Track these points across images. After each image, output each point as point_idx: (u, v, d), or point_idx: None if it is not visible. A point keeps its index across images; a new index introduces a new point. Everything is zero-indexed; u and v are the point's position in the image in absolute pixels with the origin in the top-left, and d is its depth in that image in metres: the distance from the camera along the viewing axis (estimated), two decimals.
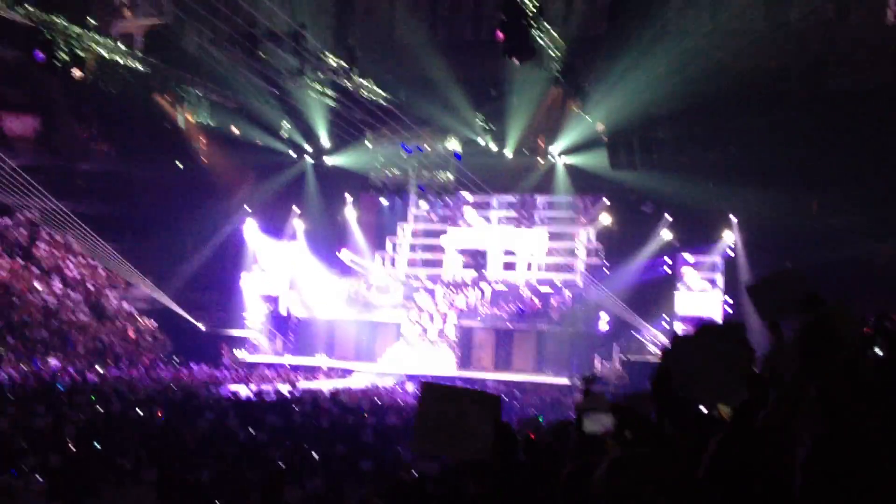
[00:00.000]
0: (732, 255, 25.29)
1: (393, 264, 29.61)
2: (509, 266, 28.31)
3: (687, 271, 25.65)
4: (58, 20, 19.80)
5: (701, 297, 25.43)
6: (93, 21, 21.24)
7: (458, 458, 3.73)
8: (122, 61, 21.96)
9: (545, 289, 27.08)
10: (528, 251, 28.29)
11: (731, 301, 24.74)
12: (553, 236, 28.35)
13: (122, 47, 21.94)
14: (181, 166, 27.49)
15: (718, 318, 24.08)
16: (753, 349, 3.23)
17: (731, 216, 24.97)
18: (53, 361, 21.67)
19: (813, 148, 20.86)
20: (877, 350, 4.01)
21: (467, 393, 3.36)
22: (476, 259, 28.39)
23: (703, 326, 3.47)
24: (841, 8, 21.10)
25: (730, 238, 25.25)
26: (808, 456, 2.57)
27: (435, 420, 2.98)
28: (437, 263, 29.04)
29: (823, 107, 20.46)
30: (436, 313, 27.14)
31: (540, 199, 28.49)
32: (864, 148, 20.30)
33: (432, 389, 3.08)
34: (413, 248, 29.94)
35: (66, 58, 20.01)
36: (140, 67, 22.56)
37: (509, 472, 5.10)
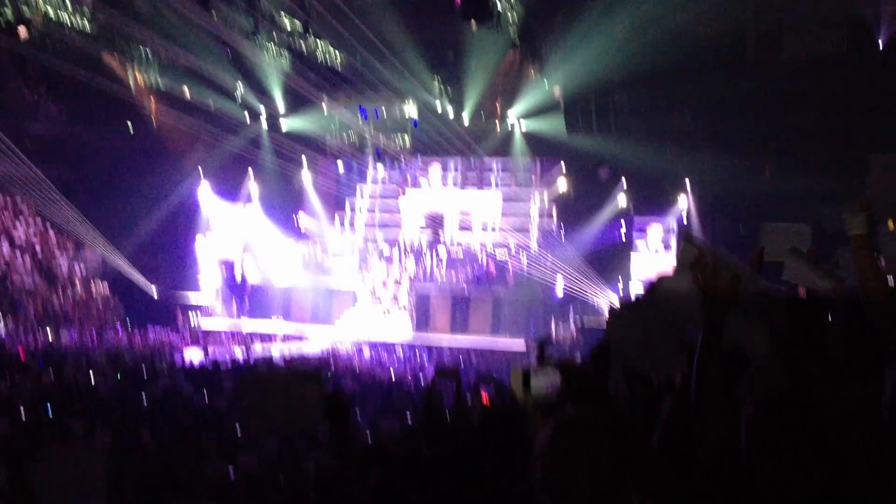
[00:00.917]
0: (686, 221, 25.58)
1: (350, 228, 29.47)
2: (465, 227, 28.39)
3: (649, 232, 25.96)
4: None
5: (656, 258, 25.74)
6: None
7: (290, 431, 3.78)
8: (69, 20, 21.39)
9: (501, 253, 27.17)
10: (484, 212, 28.38)
11: None
12: (508, 198, 28.43)
13: (69, 4, 21.35)
14: (132, 128, 26.98)
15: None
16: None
17: (685, 181, 25.21)
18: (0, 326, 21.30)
19: (766, 114, 21.08)
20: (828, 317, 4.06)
21: (285, 373, 3.47)
22: (433, 221, 28.40)
23: (639, 298, 3.45)
24: None
25: (684, 203, 25.53)
26: (754, 416, 2.59)
27: (260, 404, 3.06)
28: (395, 226, 28.99)
29: (778, 73, 20.66)
30: (391, 279, 27.11)
31: (495, 163, 28.51)
32: (816, 114, 20.55)
33: (251, 380, 3.18)
34: (370, 210, 29.80)
35: (11, 17, 19.44)
36: (88, 26, 21.99)
37: (466, 435, 5.12)
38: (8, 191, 25.29)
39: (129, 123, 26.78)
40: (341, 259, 28.33)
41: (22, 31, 20.34)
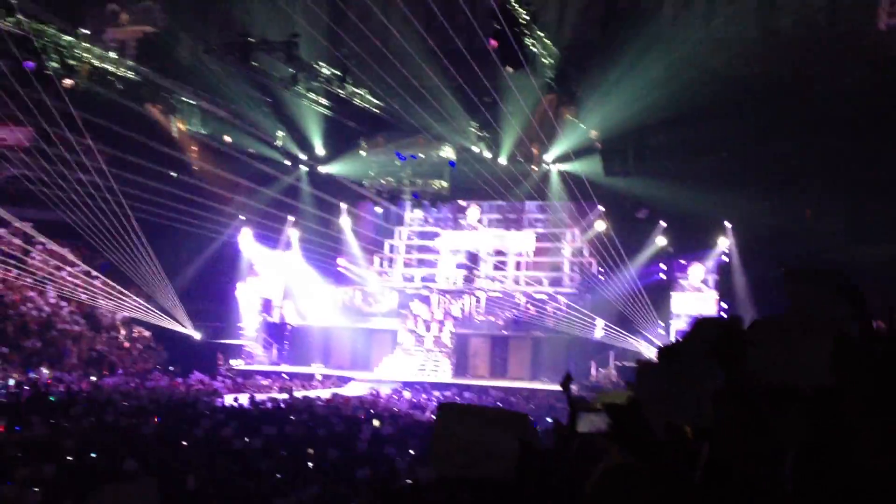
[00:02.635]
0: (727, 260, 25.38)
1: (388, 272, 29.62)
2: (500, 266, 28.49)
3: (689, 272, 25.84)
4: (48, 28, 19.79)
5: (697, 297, 25.56)
6: (84, 30, 21.23)
7: (479, 474, 3.68)
8: (113, 70, 21.94)
9: (540, 296, 27.12)
10: (518, 252, 28.48)
11: (725, 305, 24.81)
12: (543, 239, 28.50)
13: (114, 55, 21.92)
14: (175, 176, 27.44)
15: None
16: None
17: (725, 223, 25.04)
18: (45, 371, 21.61)
19: (805, 153, 20.95)
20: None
21: (488, 411, 3.34)
22: (470, 261, 28.53)
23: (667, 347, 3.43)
24: (831, 15, 21.18)
25: (724, 244, 25.34)
26: (796, 460, 2.56)
27: (454, 441, 2.94)
28: (433, 268, 29.12)
29: (815, 113, 20.55)
30: (431, 321, 27.14)
31: (530, 205, 28.66)
32: (856, 154, 20.39)
33: (450, 409, 3.05)
34: (408, 253, 29.97)
35: (58, 66, 20.00)
36: (131, 76, 22.54)
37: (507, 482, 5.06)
38: (56, 238, 25.81)
39: (171, 171, 27.24)
40: (380, 303, 28.44)
41: (67, 81, 20.89)
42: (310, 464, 11.44)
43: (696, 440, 3.25)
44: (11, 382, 20.23)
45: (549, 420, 16.35)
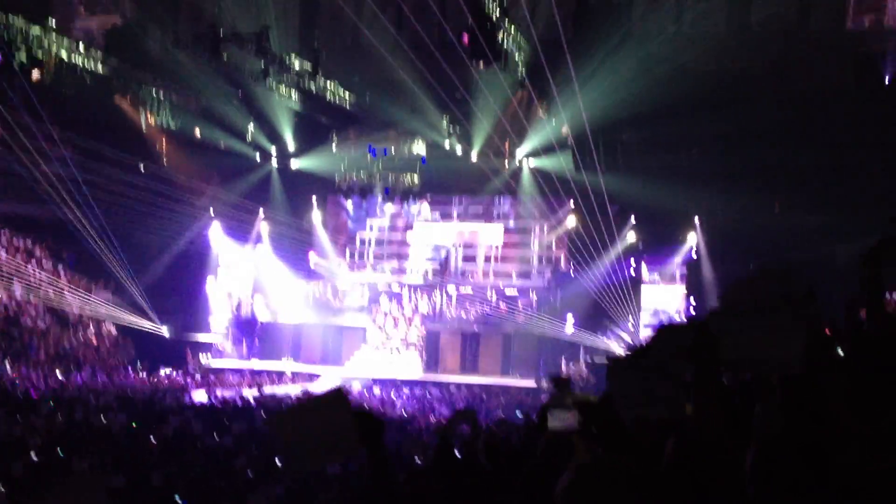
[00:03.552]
0: (695, 256, 25.58)
1: (359, 267, 29.54)
2: (469, 258, 28.56)
3: (652, 269, 26.08)
4: (16, 20, 19.49)
5: (666, 291, 25.79)
6: (52, 22, 20.93)
7: (331, 462, 3.72)
8: (81, 63, 21.65)
9: (511, 291, 27.19)
10: (486, 245, 28.57)
11: (693, 300, 25.03)
12: (512, 232, 28.59)
13: (82, 48, 21.63)
14: (143, 169, 27.18)
15: (679, 315, 24.49)
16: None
17: (694, 218, 25.22)
18: (8, 368, 21.33)
19: (774, 150, 21.14)
20: (839, 351, 4.02)
21: (309, 403, 3.35)
22: (440, 255, 28.57)
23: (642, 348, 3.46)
24: (802, 12, 21.40)
25: (693, 239, 25.53)
26: (758, 456, 2.58)
27: (294, 440, 2.97)
28: (404, 263, 29.11)
29: (784, 109, 20.74)
30: (401, 317, 27.10)
31: (501, 199, 28.73)
32: (824, 149, 20.60)
33: (276, 417, 3.10)
34: (379, 248, 29.88)
35: (25, 59, 19.71)
36: (100, 69, 22.26)
37: (467, 474, 5.08)
38: (21, 232, 25.45)
39: (140, 165, 26.97)
40: (351, 297, 28.36)
41: (35, 73, 20.59)
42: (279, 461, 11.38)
43: (662, 434, 3.28)
44: None
45: (518, 415, 16.39)
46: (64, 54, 21.14)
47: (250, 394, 19.37)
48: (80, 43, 21.80)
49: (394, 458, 11.22)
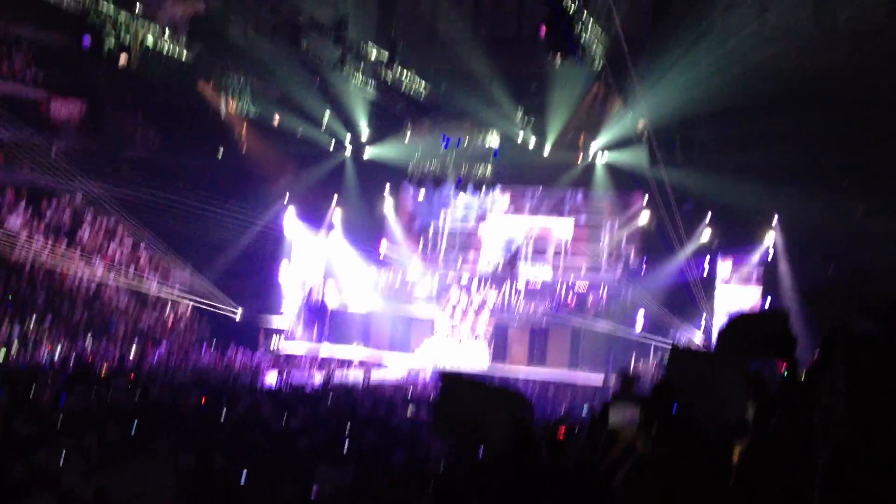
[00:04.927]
0: (772, 257, 25.02)
1: (430, 257, 29.68)
2: (539, 251, 28.45)
3: (727, 268, 25.59)
4: (105, 6, 20.03)
5: (742, 293, 25.28)
6: (139, 8, 21.47)
7: (473, 446, 3.75)
8: (166, 49, 22.16)
9: (582, 285, 27.01)
10: (557, 238, 28.42)
11: (769, 301, 24.50)
12: (584, 227, 28.36)
13: (167, 34, 22.14)
14: (221, 154, 27.76)
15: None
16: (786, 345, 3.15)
17: (773, 218, 24.67)
18: (88, 343, 22.04)
19: (858, 152, 20.52)
20: None
21: (488, 386, 3.38)
22: (511, 248, 28.56)
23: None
24: (890, 11, 20.69)
25: (770, 240, 24.97)
26: (830, 461, 2.54)
27: (455, 409, 3.00)
28: (475, 254, 29.17)
29: (870, 110, 20.09)
30: (470, 308, 27.16)
31: (573, 192, 28.52)
32: None
33: (453, 380, 3.10)
34: (451, 239, 29.98)
35: (113, 44, 20.25)
36: (184, 55, 22.75)
37: (530, 469, 5.08)
38: (104, 212, 26.25)
39: (219, 150, 27.52)
40: (421, 287, 28.52)
41: (122, 58, 21.15)
42: (346, 445, 11.54)
43: (726, 434, 3.23)
44: (57, 353, 20.70)
45: (584, 413, 16.29)
46: (150, 40, 21.66)
47: (319, 377, 19.67)
48: (166, 29, 22.31)
49: (455, 450, 11.28)
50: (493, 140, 26.50)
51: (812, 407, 2.85)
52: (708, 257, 25.86)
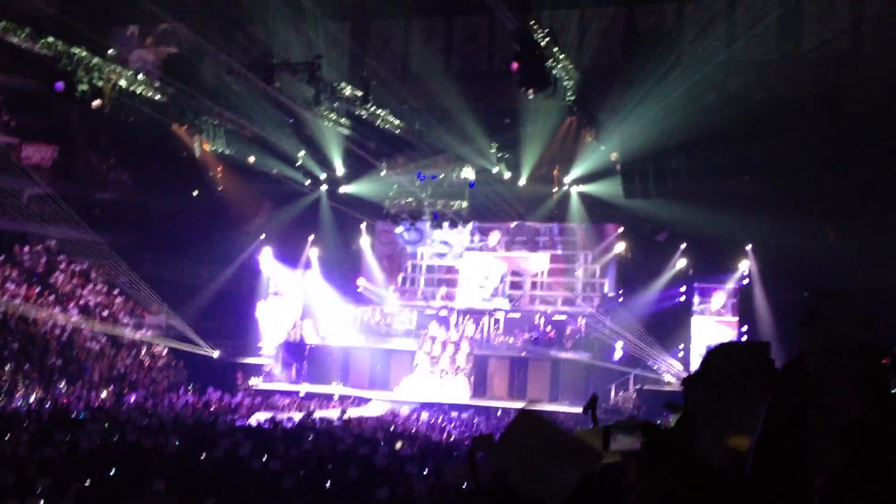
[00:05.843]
0: (747, 283, 25.25)
1: (407, 293, 29.68)
2: (515, 286, 28.58)
3: (712, 297, 25.79)
4: (78, 51, 20.06)
5: (717, 320, 25.47)
6: (111, 51, 21.50)
7: (530, 494, 3.67)
8: (139, 91, 22.18)
9: (559, 317, 27.09)
10: (533, 271, 28.60)
11: (745, 329, 24.70)
12: (561, 261, 28.55)
13: (141, 77, 22.17)
14: (197, 194, 27.71)
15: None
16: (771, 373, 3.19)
17: (746, 246, 24.93)
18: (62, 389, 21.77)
19: (828, 177, 20.84)
20: None
21: (562, 434, 3.31)
22: (488, 282, 28.66)
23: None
24: (855, 38, 21.14)
25: (745, 267, 25.22)
26: (828, 484, 2.55)
27: (521, 448, 2.92)
28: (452, 289, 29.21)
29: (838, 136, 20.45)
30: (449, 342, 27.12)
31: (548, 226, 28.75)
32: (880, 177, 20.26)
33: (529, 416, 3.03)
34: (428, 274, 30.03)
35: (86, 88, 20.25)
36: (158, 97, 22.78)
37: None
38: (77, 256, 26.05)
39: (194, 190, 27.46)
40: (399, 322, 28.48)
41: (95, 101, 21.15)
42: (328, 484, 11.44)
43: (732, 459, 3.24)
44: (32, 399, 20.41)
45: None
46: (123, 83, 21.67)
47: (298, 417, 19.51)
48: (139, 72, 22.35)
49: (439, 483, 11.22)
50: (468, 174, 26.64)
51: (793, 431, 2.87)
52: (684, 286, 26.06)
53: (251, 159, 26.75)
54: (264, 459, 12.62)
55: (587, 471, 3.02)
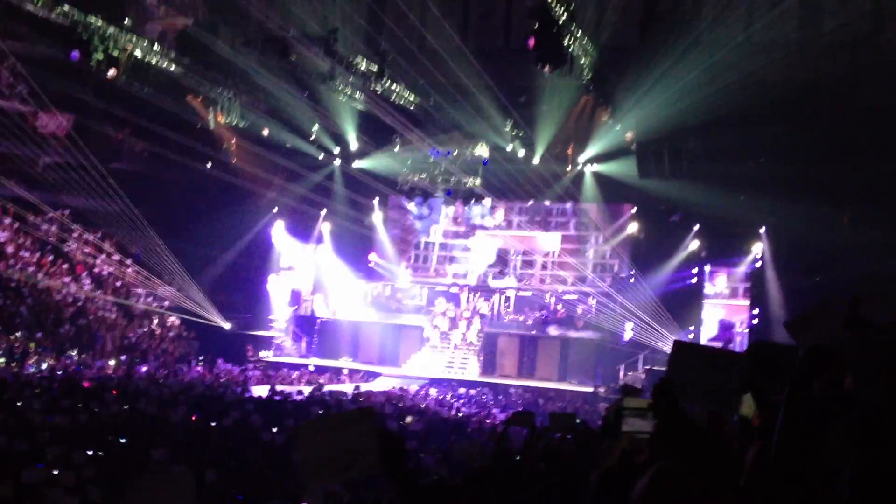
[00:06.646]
0: (759, 266, 25.13)
1: (419, 268, 29.69)
2: (527, 264, 28.55)
3: (717, 280, 25.69)
4: (94, 20, 20.02)
5: (729, 302, 25.43)
6: (127, 21, 21.45)
7: (349, 478, 3.75)
8: (155, 62, 22.15)
9: (570, 296, 27.07)
10: (544, 250, 28.56)
11: (756, 311, 24.61)
12: (570, 239, 28.49)
13: (156, 48, 22.12)
14: (210, 166, 27.70)
15: (743, 328, 24.15)
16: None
17: (760, 229, 24.78)
18: (74, 356, 21.92)
19: (845, 161, 20.63)
20: None
21: (334, 418, 3.35)
22: (501, 260, 28.61)
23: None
24: (876, 21, 20.86)
25: (758, 250, 25.09)
26: (854, 475, 2.52)
27: (316, 455, 2.98)
28: (464, 266, 29.20)
29: (856, 120, 20.22)
30: (460, 318, 27.15)
31: (561, 205, 28.66)
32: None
33: (302, 429, 3.09)
34: (440, 250, 30.03)
35: (101, 58, 20.23)
36: (173, 68, 22.74)
37: (514, 476, 5.09)
38: (91, 226, 26.13)
39: (207, 162, 27.45)
40: (410, 297, 28.52)
41: (111, 72, 21.13)
42: None
43: (742, 434, 3.24)
44: (45, 367, 20.57)
45: (577, 420, 16.26)
46: (138, 53, 21.64)
47: (308, 390, 19.57)
48: (154, 43, 22.30)
49: (448, 459, 11.25)
50: (482, 151, 26.55)
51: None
52: (696, 268, 25.97)
53: (265, 132, 26.72)
54: (273, 431, 12.69)
55: (373, 427, 3.09)
